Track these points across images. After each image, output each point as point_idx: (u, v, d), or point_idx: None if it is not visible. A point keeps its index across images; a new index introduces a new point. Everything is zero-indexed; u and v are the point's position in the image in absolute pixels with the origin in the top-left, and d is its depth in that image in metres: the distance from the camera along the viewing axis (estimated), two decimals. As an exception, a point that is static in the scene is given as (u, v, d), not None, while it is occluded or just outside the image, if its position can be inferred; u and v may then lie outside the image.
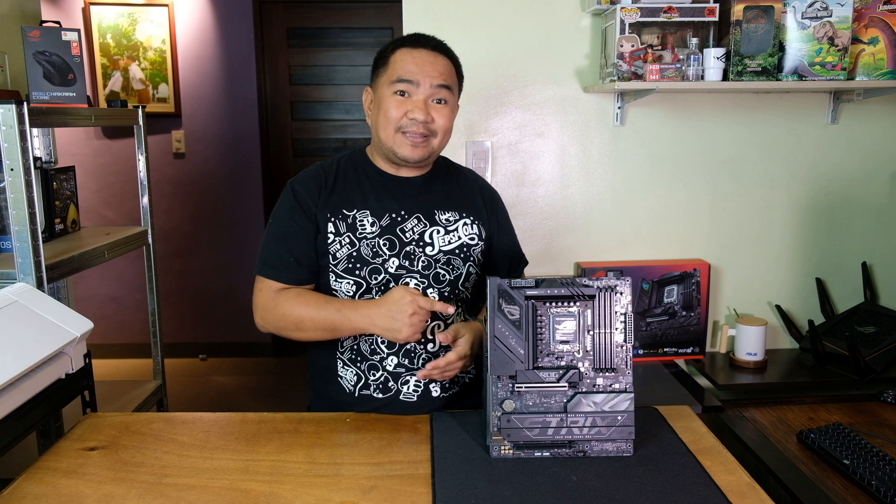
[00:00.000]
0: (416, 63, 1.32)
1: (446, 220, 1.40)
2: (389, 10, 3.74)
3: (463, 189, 1.47)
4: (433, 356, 1.36)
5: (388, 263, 1.35)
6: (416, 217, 1.38)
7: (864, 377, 1.88)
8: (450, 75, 1.35)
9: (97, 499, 1.04)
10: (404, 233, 1.37)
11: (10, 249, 1.58)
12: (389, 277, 1.35)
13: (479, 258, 1.43)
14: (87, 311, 1.48)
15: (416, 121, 1.31)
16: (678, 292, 2.12)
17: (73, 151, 3.80)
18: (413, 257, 1.36)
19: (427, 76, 1.31)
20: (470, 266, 1.41)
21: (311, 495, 1.05)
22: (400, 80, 1.32)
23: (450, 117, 1.36)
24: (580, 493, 1.05)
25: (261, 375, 3.85)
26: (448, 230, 1.39)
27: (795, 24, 1.88)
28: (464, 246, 1.40)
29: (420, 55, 1.33)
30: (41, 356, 1.23)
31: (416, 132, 1.32)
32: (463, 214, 1.42)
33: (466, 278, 1.41)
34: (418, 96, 1.32)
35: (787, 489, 1.37)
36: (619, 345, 1.16)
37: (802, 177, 2.17)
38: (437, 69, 1.33)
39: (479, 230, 1.43)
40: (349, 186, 1.39)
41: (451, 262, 1.39)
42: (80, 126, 2.42)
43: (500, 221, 1.50)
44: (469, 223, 1.42)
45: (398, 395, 1.37)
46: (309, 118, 3.95)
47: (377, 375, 1.37)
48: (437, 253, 1.38)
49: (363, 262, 1.35)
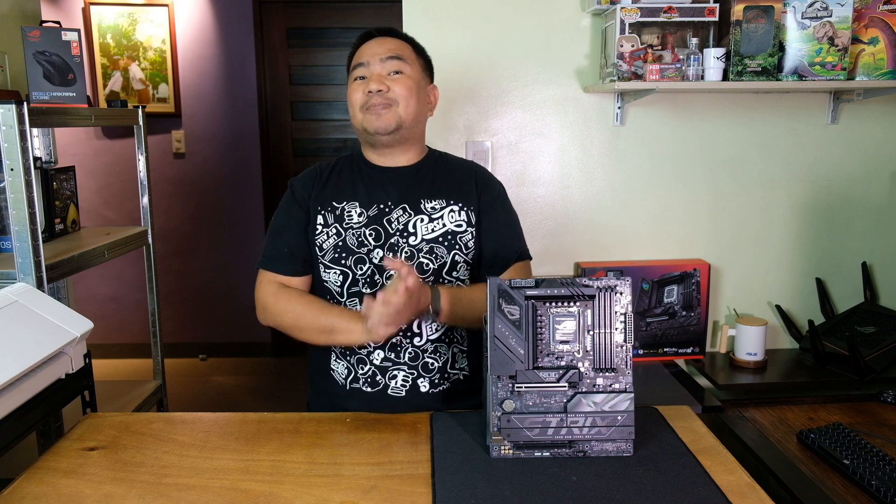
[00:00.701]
0: (366, 48, 1.43)
1: (431, 208, 1.40)
2: (389, 10, 3.74)
3: (454, 176, 1.46)
4: (419, 350, 1.38)
5: (372, 254, 1.37)
6: (402, 207, 1.40)
7: (864, 377, 1.88)
8: (399, 49, 1.42)
9: (97, 499, 1.04)
10: (390, 223, 1.39)
11: (10, 249, 1.58)
12: (374, 269, 1.37)
13: (467, 245, 1.41)
14: (87, 311, 1.48)
15: (372, 92, 1.36)
16: (678, 292, 2.12)
17: (73, 151, 3.80)
18: (397, 248, 1.37)
19: (375, 54, 1.40)
20: (456, 254, 1.39)
21: (311, 495, 1.05)
22: (355, 67, 1.42)
23: (408, 85, 1.39)
24: (580, 493, 1.05)
25: (261, 375, 3.85)
26: (433, 218, 1.39)
27: (795, 24, 1.88)
28: (448, 233, 1.39)
29: (369, 42, 1.43)
30: (41, 356, 1.23)
31: (376, 103, 1.36)
32: (451, 201, 1.41)
33: (453, 267, 1.40)
34: (372, 73, 1.39)
35: (787, 489, 1.37)
36: (619, 345, 1.16)
37: (802, 177, 2.17)
38: (384, 46, 1.41)
39: (467, 216, 1.41)
40: (343, 180, 1.44)
41: (433, 250, 1.38)
42: (80, 126, 2.42)
43: (491, 202, 1.44)
44: (456, 210, 1.41)
45: (386, 390, 1.38)
46: (309, 118, 3.95)
47: (365, 369, 1.39)
48: (419, 242, 1.38)
49: (349, 251, 1.37)
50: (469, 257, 1.42)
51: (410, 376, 1.38)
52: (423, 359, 1.39)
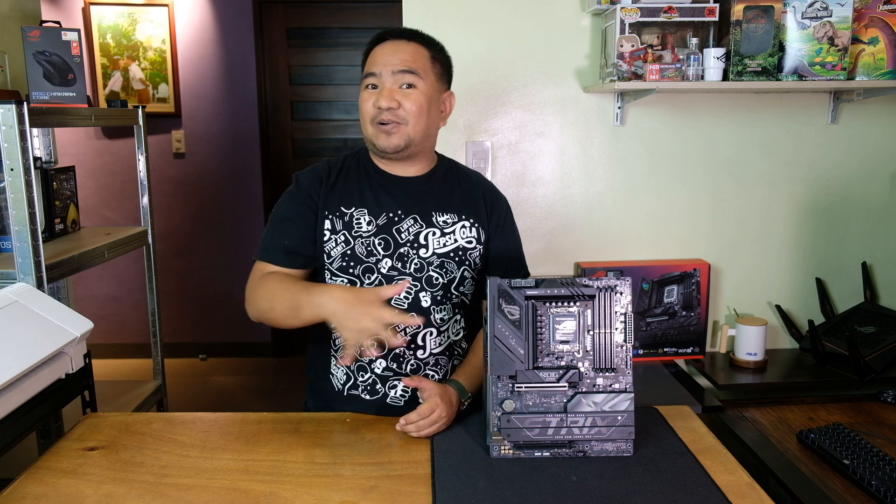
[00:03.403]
0: (380, 55, 1.36)
1: (443, 221, 1.39)
2: (389, 10, 3.74)
3: (465, 190, 1.45)
4: (422, 363, 1.37)
5: (381, 264, 1.35)
6: (413, 217, 1.38)
7: (864, 377, 1.88)
8: (415, 60, 1.35)
9: (97, 499, 1.04)
10: (399, 233, 1.36)
11: (10, 249, 1.58)
12: (382, 279, 1.35)
13: (475, 262, 1.41)
14: (87, 311, 1.48)
15: (381, 109, 1.32)
16: (678, 292, 2.12)
17: (73, 151, 3.80)
18: (406, 259, 1.36)
19: (388, 65, 1.33)
20: (465, 270, 1.40)
21: (311, 495, 1.05)
22: (367, 75, 1.36)
23: (420, 103, 1.33)
24: (580, 493, 1.05)
25: (261, 375, 3.85)
26: (444, 232, 1.38)
27: (795, 24, 1.88)
28: (459, 249, 1.39)
29: (384, 47, 1.37)
30: (41, 356, 1.23)
31: (386, 120, 1.33)
32: (462, 217, 1.40)
33: (461, 282, 1.40)
34: (384, 86, 1.34)
35: (787, 489, 1.37)
36: (619, 345, 1.16)
37: (802, 177, 2.17)
38: (398, 56, 1.34)
39: (477, 233, 1.41)
40: (350, 184, 1.40)
41: (444, 265, 1.37)
42: (80, 126, 2.42)
43: (500, 224, 1.46)
44: (468, 226, 1.40)
45: (385, 399, 1.37)
46: (309, 118, 3.95)
47: (365, 377, 1.38)
48: (430, 255, 1.37)
49: (357, 260, 1.35)
50: (475, 273, 1.42)
51: (410, 388, 1.37)
52: (424, 371, 1.38)
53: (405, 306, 1.35)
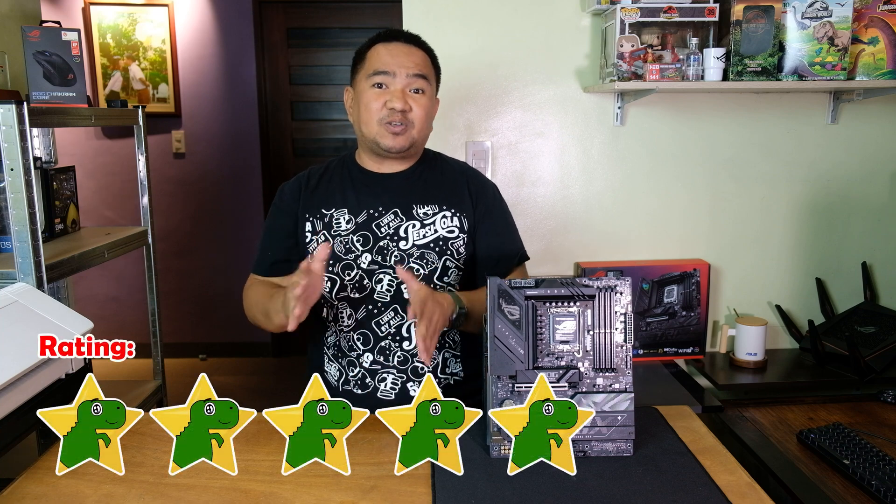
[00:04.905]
0: (392, 55, 1.36)
1: (424, 213, 1.39)
2: (389, 10, 3.74)
3: (447, 180, 1.45)
4: (408, 354, 1.38)
5: (360, 259, 1.37)
6: (394, 212, 1.39)
7: (864, 377, 1.88)
8: (425, 66, 1.38)
9: (97, 499, 1.04)
10: (379, 228, 1.38)
11: (10, 249, 1.59)
12: (362, 273, 1.37)
13: (458, 251, 1.40)
14: (87, 311, 1.48)
15: (394, 110, 1.33)
16: (678, 292, 2.12)
17: (73, 151, 3.80)
18: (386, 252, 1.37)
19: (403, 66, 1.35)
20: (447, 260, 1.39)
21: (311, 495, 1.05)
22: (377, 73, 1.35)
23: (427, 107, 1.37)
24: (580, 493, 1.05)
25: (261, 375, 3.85)
26: (424, 224, 1.39)
27: (795, 24, 1.88)
28: (440, 239, 1.39)
29: (395, 47, 1.37)
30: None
31: (395, 121, 1.34)
32: (443, 207, 1.40)
33: (444, 272, 1.39)
34: (395, 86, 1.35)
35: (787, 489, 1.37)
36: (619, 345, 1.16)
37: (802, 177, 2.17)
38: (412, 59, 1.36)
39: (460, 222, 1.40)
40: (332, 186, 1.43)
41: (424, 255, 1.38)
42: (80, 126, 2.42)
43: (488, 210, 1.44)
44: (449, 216, 1.40)
45: (376, 392, 1.39)
46: (309, 118, 3.95)
47: (355, 372, 1.40)
48: (410, 247, 1.37)
49: (336, 258, 1.37)
50: (460, 262, 1.41)
51: (400, 380, 1.38)
52: (413, 363, 1.38)
53: (388, 299, 1.37)
